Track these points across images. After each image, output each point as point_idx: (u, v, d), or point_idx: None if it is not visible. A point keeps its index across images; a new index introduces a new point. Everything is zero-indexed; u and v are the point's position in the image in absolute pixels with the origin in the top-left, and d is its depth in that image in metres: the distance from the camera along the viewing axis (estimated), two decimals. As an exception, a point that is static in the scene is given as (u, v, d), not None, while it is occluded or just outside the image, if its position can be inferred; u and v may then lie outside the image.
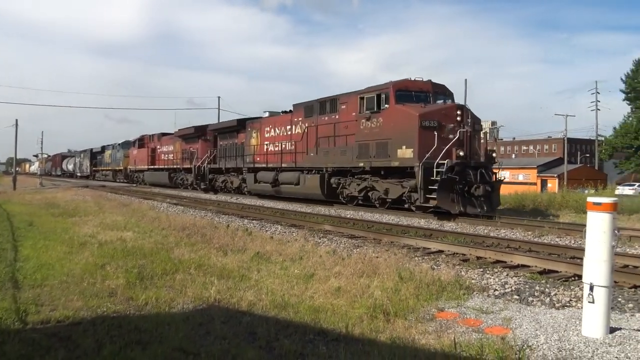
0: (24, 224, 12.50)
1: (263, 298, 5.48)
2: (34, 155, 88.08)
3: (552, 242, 10.11)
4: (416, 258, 8.30)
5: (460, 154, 14.49)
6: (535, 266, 7.53)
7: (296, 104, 21.11)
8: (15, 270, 6.89)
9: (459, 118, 14.90)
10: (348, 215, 15.50)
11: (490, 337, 4.28)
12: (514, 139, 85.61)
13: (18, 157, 53.27)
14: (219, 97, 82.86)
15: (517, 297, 5.86)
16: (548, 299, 5.75)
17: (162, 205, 19.80)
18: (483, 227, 12.58)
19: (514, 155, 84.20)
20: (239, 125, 26.11)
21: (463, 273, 7.07)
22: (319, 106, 19.30)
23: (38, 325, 4.58)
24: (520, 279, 6.75)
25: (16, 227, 11.88)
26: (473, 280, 6.58)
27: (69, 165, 73.40)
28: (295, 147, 20.56)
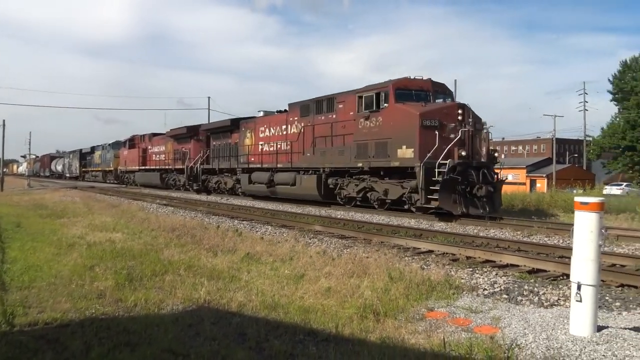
0: (12, 226, 12.38)
1: (253, 299, 5.47)
2: (22, 156, 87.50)
3: (541, 242, 10.18)
4: (406, 258, 8.32)
5: (463, 153, 14.17)
6: (524, 265, 7.59)
7: (292, 104, 20.83)
8: (3, 272, 6.82)
9: (460, 117, 14.60)
10: (339, 216, 15.51)
11: (479, 337, 4.30)
12: (503, 139, 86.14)
13: (5, 158, 52.78)
14: (209, 98, 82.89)
15: (506, 297, 5.90)
16: (537, 298, 5.80)
17: (152, 206, 19.69)
18: (473, 227, 12.64)
19: (503, 156, 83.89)
20: (233, 125, 25.76)
21: (453, 273, 7.09)
22: (315, 105, 19.00)
23: (25, 328, 4.54)
24: (509, 279, 6.79)
25: (3, 229, 11.75)
26: (462, 280, 6.61)
27: (57, 166, 72.76)
28: (291, 147, 20.26)
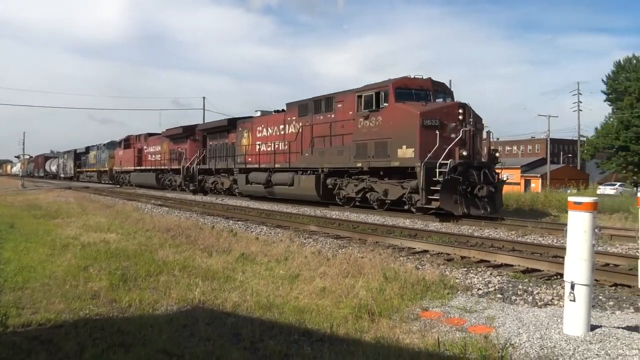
0: (5, 226, 12.31)
1: (248, 299, 5.47)
2: (16, 157, 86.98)
3: (535, 242, 10.22)
4: (401, 258, 8.33)
5: (464, 153, 14.05)
6: (519, 265, 7.62)
7: (289, 103, 20.67)
8: (-4, 273, 6.78)
9: (461, 117, 14.49)
10: (334, 216, 15.51)
11: (473, 336, 4.32)
12: (498, 139, 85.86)
13: (-1, 158, 52.52)
14: (204, 98, 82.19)
15: (501, 296, 5.91)
16: (531, 298, 5.81)
17: (147, 206, 19.64)
18: (467, 227, 12.67)
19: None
20: (230, 125, 25.53)
21: (447, 272, 7.11)
22: (313, 105, 18.82)
23: (19, 329, 4.52)
24: (503, 278, 6.81)
25: (-3, 230, 11.70)
26: (457, 280, 6.63)
27: (52, 167, 72.46)
28: (289, 147, 20.05)
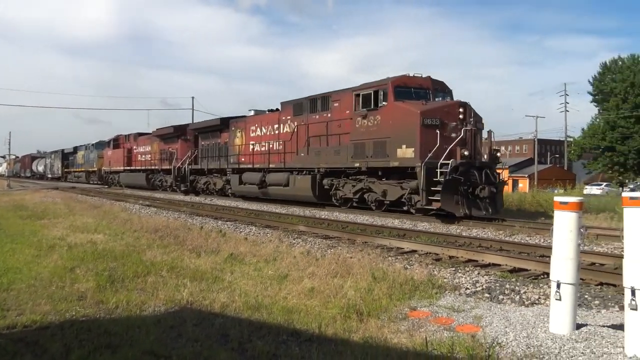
0: (-9, 227, 12.17)
1: (236, 299, 5.45)
2: (1, 157, 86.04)
3: (523, 241, 10.30)
4: (390, 258, 8.36)
5: (465, 153, 13.83)
6: (506, 265, 7.68)
7: (284, 102, 20.38)
8: (-19, 274, 6.70)
9: (461, 116, 14.25)
10: (322, 216, 15.52)
11: (461, 335, 4.34)
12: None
13: (-16, 159, 51.91)
14: (192, 98, 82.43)
15: (488, 296, 5.95)
16: (518, 297, 5.86)
17: (135, 207, 19.50)
18: (455, 227, 12.75)
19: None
20: (222, 124, 25.18)
21: (435, 272, 7.14)
22: (309, 104, 18.51)
23: (4, 331, 4.46)
24: (491, 278, 6.86)
25: (-18, 230, 11.55)
26: (445, 279, 6.66)
27: (39, 167, 71.68)
28: (284, 147, 19.70)
